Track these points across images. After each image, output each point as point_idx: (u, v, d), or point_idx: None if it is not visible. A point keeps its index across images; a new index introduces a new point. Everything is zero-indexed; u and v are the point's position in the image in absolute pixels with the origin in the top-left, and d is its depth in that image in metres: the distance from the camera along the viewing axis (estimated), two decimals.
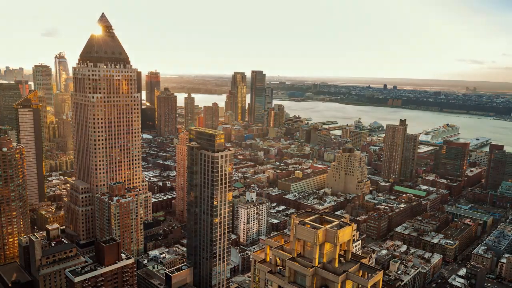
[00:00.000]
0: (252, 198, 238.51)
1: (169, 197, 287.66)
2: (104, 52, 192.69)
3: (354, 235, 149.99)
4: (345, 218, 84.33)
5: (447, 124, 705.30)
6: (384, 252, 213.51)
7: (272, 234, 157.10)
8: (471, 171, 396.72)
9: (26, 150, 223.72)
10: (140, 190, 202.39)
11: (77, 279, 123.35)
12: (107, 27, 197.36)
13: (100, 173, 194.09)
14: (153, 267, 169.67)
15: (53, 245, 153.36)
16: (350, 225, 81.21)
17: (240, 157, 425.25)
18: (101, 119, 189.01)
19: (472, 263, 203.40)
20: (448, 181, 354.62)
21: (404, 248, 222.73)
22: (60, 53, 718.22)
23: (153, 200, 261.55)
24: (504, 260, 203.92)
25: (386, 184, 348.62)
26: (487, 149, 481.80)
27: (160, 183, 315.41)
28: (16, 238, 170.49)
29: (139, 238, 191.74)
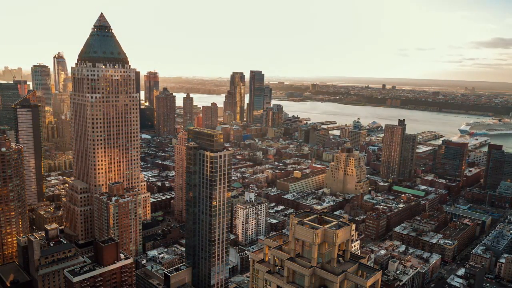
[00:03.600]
0: (251, 198, 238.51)
1: (168, 197, 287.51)
2: (103, 52, 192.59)
3: (352, 235, 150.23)
4: (344, 218, 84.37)
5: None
6: (382, 252, 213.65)
7: (270, 234, 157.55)
8: (470, 171, 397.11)
9: (25, 150, 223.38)
10: (138, 190, 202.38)
11: (76, 279, 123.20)
12: (106, 27, 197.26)
13: (98, 173, 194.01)
14: (152, 267, 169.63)
15: (52, 245, 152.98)
16: (348, 225, 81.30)
17: (238, 157, 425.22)
18: (100, 119, 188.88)
19: (471, 263, 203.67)
20: (447, 181, 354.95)
21: (402, 248, 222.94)
22: (58, 53, 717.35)
23: (151, 200, 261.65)
24: (503, 260, 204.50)
25: (385, 184, 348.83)
26: (485, 149, 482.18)
27: (159, 183, 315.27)
28: (15, 238, 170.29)
29: (137, 238, 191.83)
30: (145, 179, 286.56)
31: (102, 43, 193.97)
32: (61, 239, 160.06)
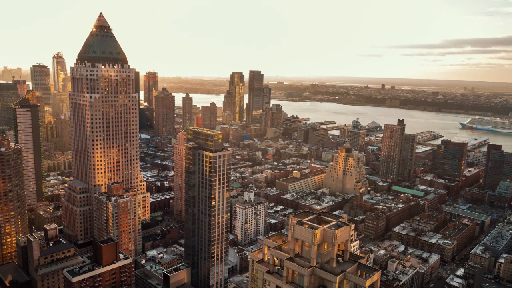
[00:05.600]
0: (250, 198, 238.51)
1: (167, 197, 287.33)
2: (102, 52, 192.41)
3: (352, 235, 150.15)
4: (343, 218, 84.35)
5: None
6: (382, 252, 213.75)
7: (270, 234, 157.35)
8: (469, 171, 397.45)
9: (24, 150, 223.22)
10: (138, 190, 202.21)
11: (75, 279, 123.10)
12: (105, 27, 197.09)
13: (98, 173, 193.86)
14: (151, 267, 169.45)
15: (51, 245, 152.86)
16: (348, 225, 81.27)
17: (238, 157, 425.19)
18: (99, 119, 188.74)
19: (470, 263, 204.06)
20: (446, 181, 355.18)
21: (402, 248, 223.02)
22: (58, 53, 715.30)
23: (151, 200, 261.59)
24: (502, 260, 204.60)
25: (384, 184, 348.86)
26: (485, 149, 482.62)
27: (158, 183, 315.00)
28: (14, 238, 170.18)
29: (137, 238, 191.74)
30: (144, 179, 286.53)
31: (101, 43, 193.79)
32: (60, 239, 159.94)
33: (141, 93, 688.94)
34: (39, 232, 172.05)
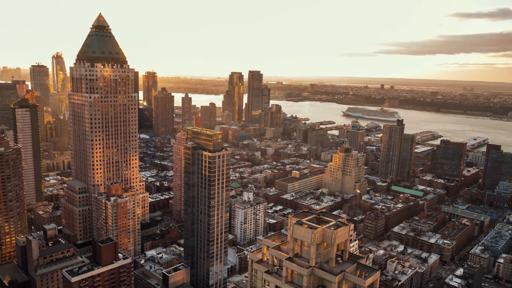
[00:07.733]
0: (249, 198, 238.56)
1: (166, 197, 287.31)
2: (101, 52, 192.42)
3: (351, 235, 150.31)
4: (342, 218, 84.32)
5: None
6: (381, 252, 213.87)
7: (269, 234, 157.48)
8: (468, 171, 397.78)
9: (24, 150, 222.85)
10: (137, 190, 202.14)
11: (74, 279, 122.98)
12: (104, 27, 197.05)
13: (97, 173, 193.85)
14: (150, 267, 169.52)
15: (50, 245, 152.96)
16: (347, 225, 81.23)
17: (237, 157, 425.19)
18: (98, 119, 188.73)
19: (469, 263, 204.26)
20: (445, 181, 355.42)
21: (401, 248, 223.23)
22: (57, 53, 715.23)
23: (150, 200, 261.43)
24: (501, 260, 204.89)
25: (383, 184, 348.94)
26: (484, 149, 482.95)
27: (157, 183, 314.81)
28: (14, 238, 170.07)
29: (136, 238, 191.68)
30: (144, 179, 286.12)
31: (100, 43, 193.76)
32: (60, 239, 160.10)
33: (140, 93, 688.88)
34: (38, 232, 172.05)
